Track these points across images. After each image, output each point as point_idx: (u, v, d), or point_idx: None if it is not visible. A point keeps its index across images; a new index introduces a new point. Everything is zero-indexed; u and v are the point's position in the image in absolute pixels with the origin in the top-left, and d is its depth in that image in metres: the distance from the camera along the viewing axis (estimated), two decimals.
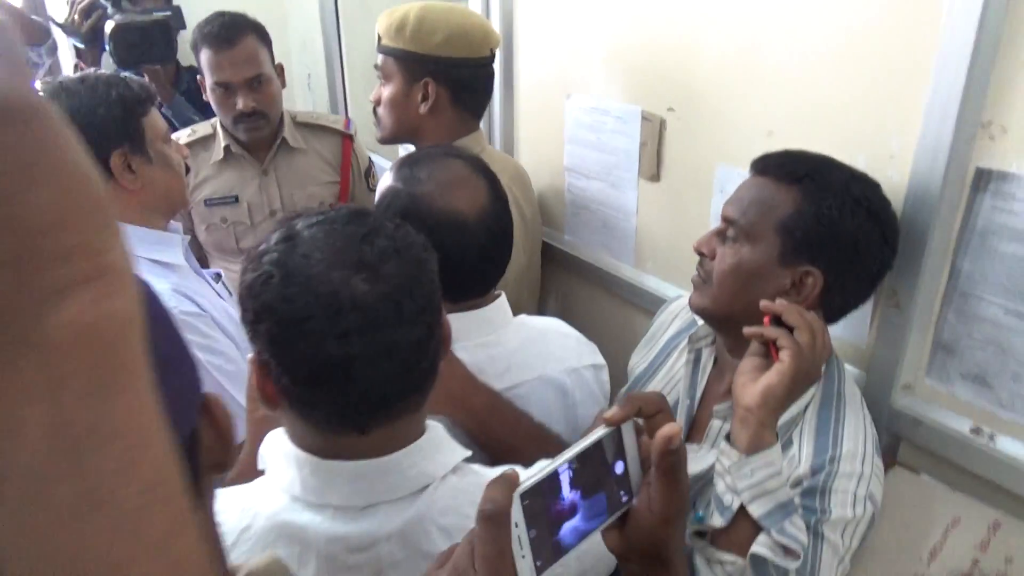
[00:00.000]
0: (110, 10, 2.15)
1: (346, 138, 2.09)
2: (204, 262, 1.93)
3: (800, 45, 1.18)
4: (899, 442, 1.18)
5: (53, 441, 0.26)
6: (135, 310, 0.29)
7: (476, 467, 0.84)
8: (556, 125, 1.74)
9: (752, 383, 0.88)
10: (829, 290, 1.00)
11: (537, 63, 1.78)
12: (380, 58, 1.54)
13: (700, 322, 1.17)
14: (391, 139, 1.60)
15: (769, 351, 0.91)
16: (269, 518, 0.76)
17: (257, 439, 0.84)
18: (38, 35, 2.36)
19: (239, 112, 1.85)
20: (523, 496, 0.53)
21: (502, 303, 1.11)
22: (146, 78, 2.31)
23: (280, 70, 1.96)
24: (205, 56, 1.84)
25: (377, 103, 1.57)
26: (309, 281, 0.69)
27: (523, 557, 0.52)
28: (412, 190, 1.03)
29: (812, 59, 1.16)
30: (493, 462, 0.97)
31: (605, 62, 1.57)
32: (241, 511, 0.78)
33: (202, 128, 1.98)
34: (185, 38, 2.10)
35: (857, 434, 0.99)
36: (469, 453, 0.84)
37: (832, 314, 1.05)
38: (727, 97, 1.31)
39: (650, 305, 1.53)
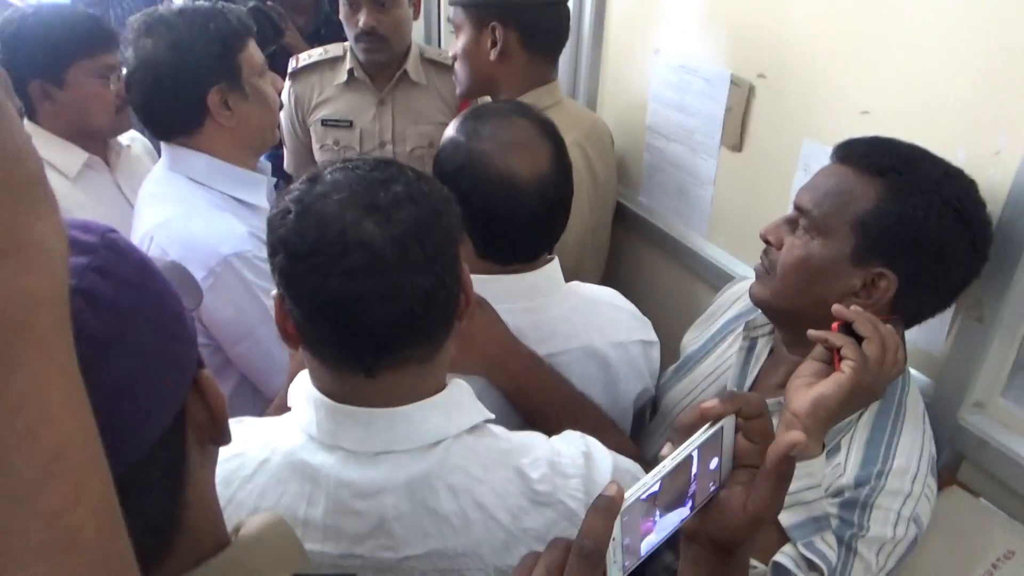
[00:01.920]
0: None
1: None
2: None
3: (907, 19, 1.06)
4: (961, 461, 1.10)
5: None
6: (54, 288, 0.29)
7: (496, 429, 0.83)
8: (642, 81, 1.66)
9: (806, 388, 0.82)
10: (903, 295, 0.92)
11: (628, 14, 1.69)
12: (451, 10, 1.50)
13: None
14: (468, 93, 1.57)
15: (833, 358, 0.85)
16: (287, 455, 0.78)
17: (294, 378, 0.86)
18: None
19: (360, 30, 1.83)
20: (623, 513, 0.51)
21: (552, 268, 1.08)
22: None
23: (415, 0, 1.93)
24: None
25: (455, 58, 1.53)
26: (321, 218, 0.71)
27: (614, 563, 0.51)
28: (472, 145, 1.00)
29: (919, 36, 1.05)
30: (527, 426, 0.96)
31: (697, 19, 1.47)
32: (263, 444, 0.80)
33: (333, 49, 1.99)
34: None
35: (912, 450, 0.93)
36: (491, 416, 0.83)
37: (906, 321, 0.97)
38: (822, 69, 1.21)
39: (718, 280, 1.47)
